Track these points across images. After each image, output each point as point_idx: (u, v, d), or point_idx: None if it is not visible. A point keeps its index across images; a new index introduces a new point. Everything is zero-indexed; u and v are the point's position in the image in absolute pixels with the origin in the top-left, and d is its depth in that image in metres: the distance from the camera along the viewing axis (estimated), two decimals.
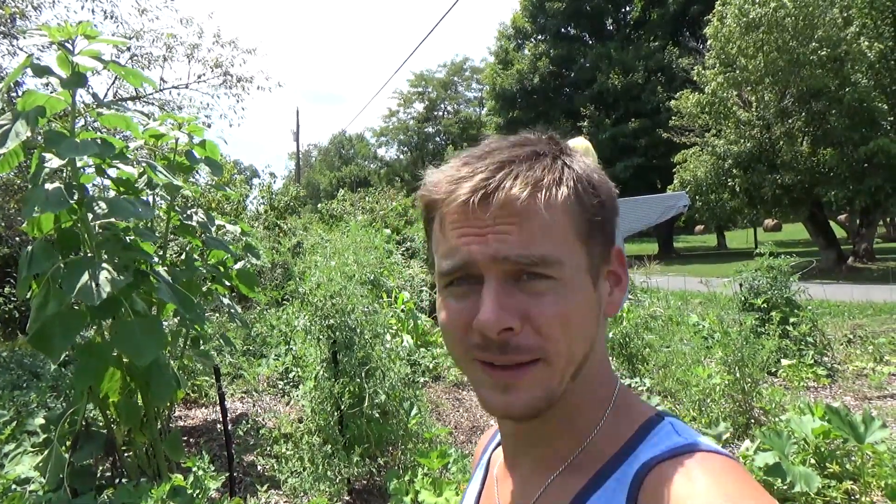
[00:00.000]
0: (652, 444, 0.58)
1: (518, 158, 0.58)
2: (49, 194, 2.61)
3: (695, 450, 0.55)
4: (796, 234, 32.57)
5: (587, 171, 0.61)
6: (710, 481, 0.50)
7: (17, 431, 3.36)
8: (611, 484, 0.57)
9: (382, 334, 4.03)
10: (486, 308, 0.55)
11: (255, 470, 3.93)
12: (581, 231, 0.58)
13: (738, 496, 0.49)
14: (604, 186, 0.62)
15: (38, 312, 2.78)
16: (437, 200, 0.60)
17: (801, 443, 3.31)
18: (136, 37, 10.06)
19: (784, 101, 16.95)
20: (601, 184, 0.62)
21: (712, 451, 0.55)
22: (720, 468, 0.52)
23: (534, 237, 0.55)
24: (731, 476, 0.51)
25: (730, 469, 0.53)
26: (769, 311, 6.28)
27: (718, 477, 0.51)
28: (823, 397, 5.28)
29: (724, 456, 0.55)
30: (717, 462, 0.53)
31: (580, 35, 34.47)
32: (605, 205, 0.61)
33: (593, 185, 0.60)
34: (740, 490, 0.49)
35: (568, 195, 0.57)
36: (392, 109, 57.65)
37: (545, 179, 0.57)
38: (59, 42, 2.83)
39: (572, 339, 0.57)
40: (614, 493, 0.56)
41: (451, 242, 0.58)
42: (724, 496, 0.49)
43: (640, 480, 0.54)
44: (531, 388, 0.57)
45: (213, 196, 10.49)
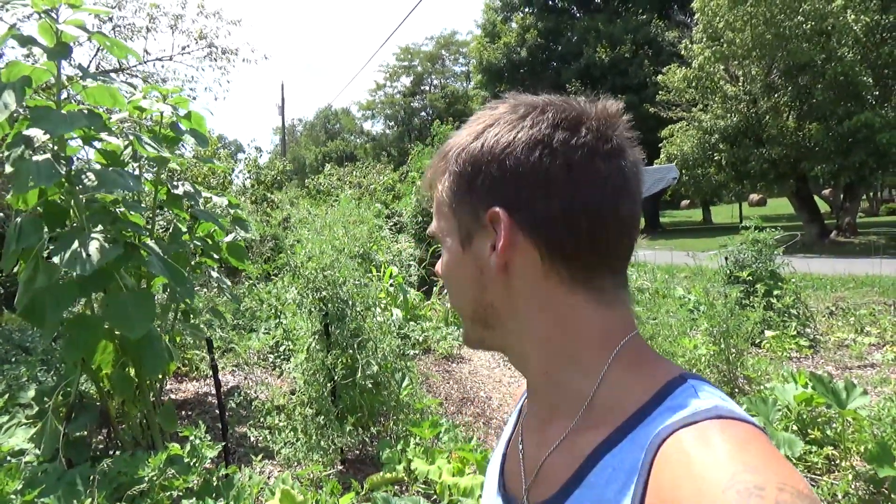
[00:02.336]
0: (672, 406, 0.56)
1: (432, 162, 0.72)
2: (40, 167, 2.58)
3: (716, 415, 0.53)
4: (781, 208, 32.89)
5: (466, 146, 0.66)
6: (729, 449, 0.49)
7: (10, 404, 3.36)
8: (626, 444, 0.56)
9: (373, 307, 4.05)
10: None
11: (248, 441, 3.97)
12: (452, 204, 0.67)
13: (759, 466, 0.47)
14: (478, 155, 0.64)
15: (27, 286, 2.77)
16: None
17: (784, 410, 3.39)
18: (119, 6, 9.86)
19: (770, 75, 16.98)
20: (475, 154, 0.64)
21: (735, 418, 0.53)
22: (741, 436, 0.51)
23: (434, 217, 0.72)
24: (752, 444, 0.50)
25: (752, 437, 0.51)
26: (754, 284, 6.37)
27: (738, 444, 0.49)
28: (806, 367, 5.39)
29: (746, 423, 0.53)
30: (740, 429, 0.51)
31: (567, 8, 34.16)
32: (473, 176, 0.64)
33: (464, 160, 0.65)
34: (760, 459, 0.48)
35: (444, 183, 0.68)
36: (378, 83, 57.09)
37: (434, 175, 0.71)
38: (44, 10, 2.78)
39: (452, 294, 0.72)
40: (630, 453, 0.55)
41: None
42: (744, 465, 0.47)
43: (658, 446, 0.53)
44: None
45: (199, 170, 10.39)
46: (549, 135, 0.61)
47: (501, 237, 0.61)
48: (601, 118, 0.63)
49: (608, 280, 0.63)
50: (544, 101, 0.65)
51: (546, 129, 0.61)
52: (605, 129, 0.62)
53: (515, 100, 0.67)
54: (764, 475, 0.46)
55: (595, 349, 0.63)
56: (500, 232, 0.62)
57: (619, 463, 0.56)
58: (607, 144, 0.61)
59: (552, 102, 0.64)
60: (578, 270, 0.62)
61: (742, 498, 0.44)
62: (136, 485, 2.45)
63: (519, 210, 0.61)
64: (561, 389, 0.65)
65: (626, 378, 0.61)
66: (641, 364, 0.63)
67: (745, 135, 17.52)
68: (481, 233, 0.64)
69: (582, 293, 0.62)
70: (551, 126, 0.61)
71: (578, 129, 0.61)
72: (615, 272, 0.64)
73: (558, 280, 0.62)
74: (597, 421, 0.61)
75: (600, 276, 0.63)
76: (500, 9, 35.68)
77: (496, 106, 0.67)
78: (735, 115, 17.65)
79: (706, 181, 19.44)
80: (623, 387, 0.61)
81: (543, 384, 0.67)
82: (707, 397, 0.56)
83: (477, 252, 0.65)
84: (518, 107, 0.65)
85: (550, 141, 0.60)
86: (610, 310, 0.63)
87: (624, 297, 0.65)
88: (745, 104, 17.58)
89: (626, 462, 0.55)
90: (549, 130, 0.61)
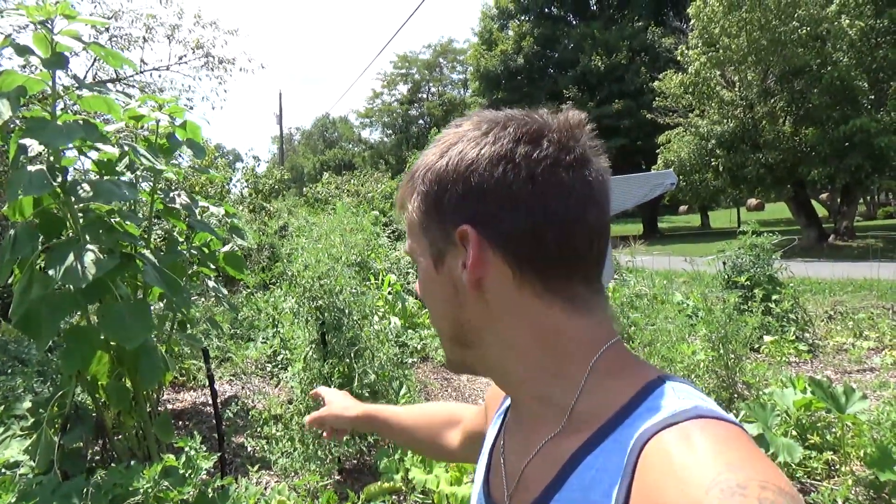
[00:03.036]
0: (652, 407, 0.57)
1: (401, 183, 0.73)
2: (32, 177, 2.58)
3: (697, 415, 0.54)
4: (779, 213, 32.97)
5: (433, 165, 0.66)
6: (712, 448, 0.50)
7: (5, 416, 3.34)
8: (608, 445, 0.57)
9: (371, 315, 4.04)
10: None
11: (245, 451, 3.95)
12: (423, 223, 0.68)
13: (740, 464, 0.48)
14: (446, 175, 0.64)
15: (22, 297, 2.75)
16: None
17: (784, 415, 3.38)
18: (115, 17, 9.88)
19: (766, 80, 17.05)
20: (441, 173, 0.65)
21: (715, 417, 0.54)
22: (723, 435, 0.52)
23: (407, 236, 0.72)
24: (733, 443, 0.51)
25: (732, 436, 0.52)
26: (752, 289, 6.36)
27: (720, 444, 0.50)
28: (805, 372, 5.38)
29: (726, 422, 0.54)
30: (720, 429, 0.52)
31: (564, 15, 34.32)
32: (439, 195, 0.65)
33: (430, 180, 0.66)
34: (742, 457, 0.49)
35: (413, 203, 0.69)
36: (376, 91, 57.34)
37: (404, 196, 0.71)
38: (39, 21, 2.77)
39: (431, 314, 0.72)
40: (611, 454, 0.56)
41: None
42: (726, 464, 0.48)
43: (640, 447, 0.54)
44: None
45: (196, 179, 10.39)
46: (511, 149, 0.62)
47: (471, 254, 0.62)
48: (563, 129, 0.64)
49: (581, 288, 0.64)
50: (506, 117, 0.66)
51: (508, 143, 0.62)
52: (567, 140, 0.63)
53: (479, 116, 0.68)
54: (746, 474, 0.47)
55: (574, 358, 0.63)
56: (469, 249, 0.62)
57: (602, 464, 0.56)
58: (570, 155, 0.62)
59: (514, 117, 0.65)
60: (551, 281, 0.62)
61: (725, 497, 0.45)
62: (130, 497, 2.43)
63: (487, 226, 0.62)
64: (542, 400, 0.65)
65: (605, 383, 0.62)
66: (620, 369, 0.63)
67: (741, 140, 17.57)
68: (453, 251, 0.65)
69: (556, 303, 0.63)
70: (513, 141, 0.62)
71: (540, 142, 0.62)
72: (588, 280, 0.65)
73: (532, 292, 0.63)
74: (577, 426, 0.61)
75: (573, 285, 0.63)
76: (497, 16, 35.84)
77: (460, 123, 0.68)
78: (731, 121, 17.71)
79: (704, 187, 19.48)
80: (602, 392, 0.61)
81: (525, 396, 0.68)
82: (687, 397, 0.57)
83: (450, 271, 0.66)
84: (481, 123, 0.66)
85: (513, 155, 0.61)
86: (586, 318, 0.64)
87: (600, 304, 0.66)
88: (742, 109, 17.64)
89: (609, 463, 0.56)
90: (511, 145, 0.62)
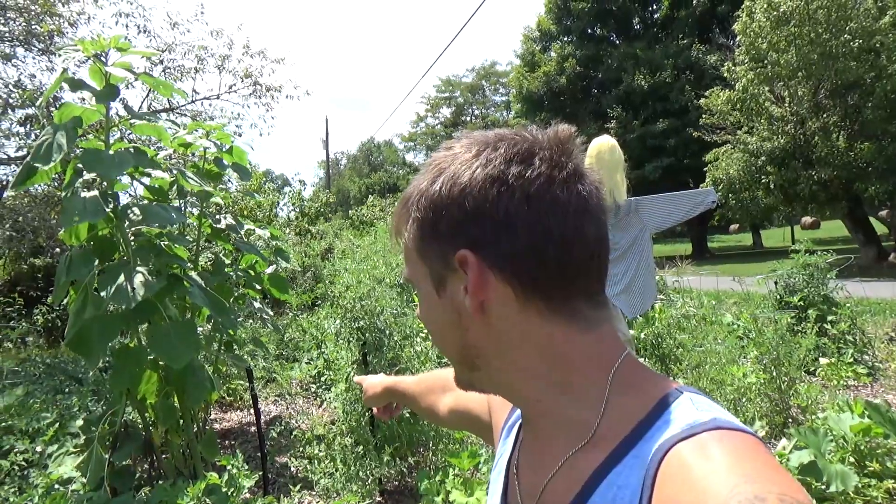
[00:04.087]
0: (669, 420, 0.56)
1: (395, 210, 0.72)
2: (87, 203, 2.69)
3: (714, 427, 0.54)
4: (835, 231, 31.82)
5: (427, 192, 0.65)
6: (729, 460, 0.49)
7: (60, 433, 3.46)
8: (629, 461, 0.56)
9: (413, 336, 4.05)
10: None
11: (288, 471, 3.98)
12: (420, 250, 0.67)
13: (759, 476, 0.47)
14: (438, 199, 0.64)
15: (76, 317, 2.86)
16: None
17: (840, 441, 3.23)
18: (169, 49, 10.31)
19: (818, 95, 16.58)
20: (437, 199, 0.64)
21: (732, 429, 0.54)
22: (740, 446, 0.51)
23: (405, 264, 0.72)
24: (751, 454, 0.50)
25: (750, 447, 0.51)
26: (806, 309, 6.14)
27: (738, 455, 0.50)
28: (864, 396, 5.14)
29: (744, 433, 0.53)
30: (738, 440, 0.52)
31: (606, 35, 34.19)
32: (436, 222, 0.64)
33: (426, 206, 0.65)
34: (760, 469, 0.48)
35: (409, 230, 0.68)
36: (420, 115, 58.15)
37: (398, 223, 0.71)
38: (93, 55, 2.92)
39: (435, 338, 0.72)
40: (632, 470, 0.55)
41: None
42: (745, 476, 0.47)
43: (658, 461, 0.53)
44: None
45: (245, 203, 10.67)
46: (503, 170, 0.61)
47: (472, 279, 0.62)
48: (553, 146, 0.64)
49: (583, 303, 0.63)
50: (496, 137, 0.65)
51: (500, 164, 0.62)
52: (559, 157, 0.63)
53: (468, 138, 0.67)
54: (764, 485, 0.46)
55: (585, 374, 0.63)
56: (470, 273, 0.62)
57: (623, 481, 0.56)
58: (563, 171, 0.62)
59: (504, 137, 0.65)
60: (554, 299, 0.62)
61: None
62: None
63: (485, 249, 0.61)
64: (554, 417, 0.65)
65: (623, 397, 0.61)
66: (637, 382, 0.63)
67: (793, 156, 17.07)
68: (453, 276, 0.65)
69: (559, 320, 0.62)
70: (505, 161, 0.62)
71: (532, 161, 0.62)
72: (590, 294, 0.64)
73: (536, 312, 0.62)
74: (596, 442, 0.60)
75: (576, 302, 0.63)
76: (539, 38, 35.94)
77: (451, 146, 0.68)
78: (782, 137, 17.24)
79: (754, 204, 18.97)
80: (620, 406, 0.61)
81: (536, 414, 0.67)
82: (705, 409, 0.57)
83: (452, 296, 0.65)
84: (471, 146, 0.65)
85: (506, 176, 0.61)
86: (592, 333, 0.63)
87: (605, 317, 0.65)
88: (793, 125, 17.17)
89: (630, 479, 0.55)
90: (503, 166, 0.62)
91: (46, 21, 8.11)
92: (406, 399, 1.30)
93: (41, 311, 9.42)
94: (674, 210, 4.19)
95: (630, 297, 4.17)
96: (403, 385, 1.31)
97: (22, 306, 9.85)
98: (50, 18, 8.20)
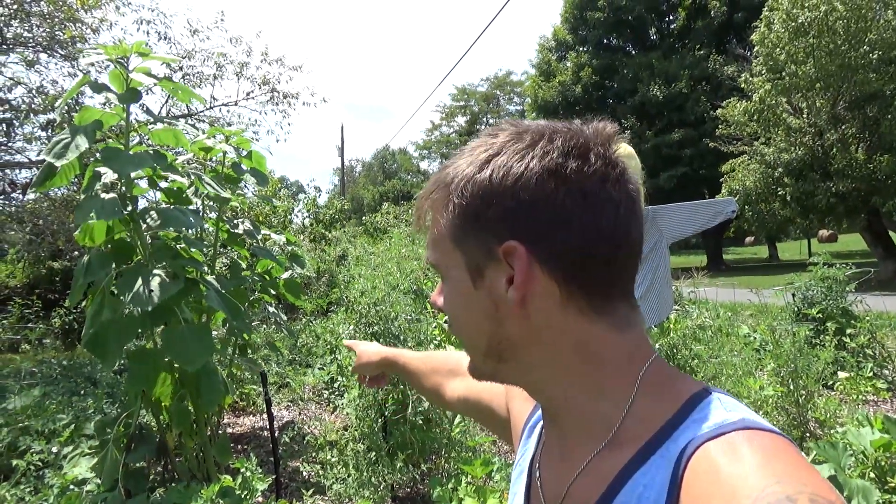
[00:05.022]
0: (698, 420, 0.56)
1: (425, 190, 0.70)
2: (105, 203, 2.71)
3: (743, 426, 0.53)
4: (853, 244, 31.44)
5: (472, 178, 0.63)
6: (759, 460, 0.48)
7: (75, 435, 3.48)
8: (656, 461, 0.55)
9: (426, 343, 4.05)
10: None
11: (301, 476, 3.98)
12: (457, 237, 0.65)
13: (790, 476, 0.46)
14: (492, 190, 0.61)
15: (93, 319, 2.88)
16: None
17: (860, 455, 3.18)
18: (188, 56, 10.43)
19: (836, 106, 16.43)
20: (487, 188, 0.62)
21: (762, 429, 0.52)
22: (770, 446, 0.50)
23: (429, 247, 0.70)
24: (782, 454, 0.49)
25: (780, 447, 0.50)
26: (824, 322, 6.05)
27: (768, 455, 0.49)
28: (884, 411, 5.06)
29: (774, 433, 0.52)
30: (767, 440, 0.51)
31: (622, 45, 34.16)
32: (480, 211, 0.62)
33: (472, 193, 0.63)
34: (790, 469, 0.47)
35: (445, 213, 0.65)
36: (435, 123, 58.28)
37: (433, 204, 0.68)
38: (115, 59, 2.95)
39: (460, 329, 0.69)
40: (658, 469, 0.54)
41: None
42: (774, 475, 0.46)
43: (686, 460, 0.52)
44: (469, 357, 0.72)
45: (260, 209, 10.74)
46: (561, 164, 0.60)
47: (519, 271, 0.60)
48: (604, 142, 0.63)
49: (622, 304, 0.63)
50: (550, 128, 0.64)
51: (558, 158, 0.60)
52: (611, 154, 0.63)
53: (516, 126, 0.66)
54: (795, 486, 0.45)
55: (619, 374, 0.62)
56: (517, 266, 0.61)
57: (649, 481, 0.55)
58: (616, 169, 0.62)
59: (558, 129, 0.64)
60: (595, 298, 0.61)
61: None
62: None
63: (536, 243, 0.60)
64: (583, 415, 0.64)
65: (650, 398, 0.61)
66: (664, 382, 0.62)
67: (811, 168, 16.91)
68: (494, 266, 0.63)
69: (599, 320, 0.62)
70: (562, 155, 0.61)
71: (588, 157, 0.61)
72: (626, 295, 0.64)
73: (576, 309, 0.61)
74: (622, 442, 0.60)
75: (615, 301, 0.63)
76: (555, 48, 35.97)
77: (496, 133, 0.66)
78: (800, 148, 17.09)
79: (771, 216, 18.81)
80: (647, 406, 0.60)
81: (564, 411, 0.66)
82: (734, 410, 0.56)
83: (490, 287, 0.64)
84: (523, 135, 0.64)
85: (563, 170, 0.60)
86: (626, 333, 0.63)
87: (637, 320, 0.65)
88: (811, 137, 17.02)
89: (656, 479, 0.54)
90: (561, 160, 0.60)
91: (69, 27, 8.24)
92: (407, 374, 1.27)
93: (59, 314, 9.52)
94: (693, 219, 4.15)
95: (646, 307, 4.14)
96: (405, 359, 1.28)
97: (40, 308, 9.97)
98: (73, 25, 8.33)
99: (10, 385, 4.94)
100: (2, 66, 8.59)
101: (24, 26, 8.17)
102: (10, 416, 4.08)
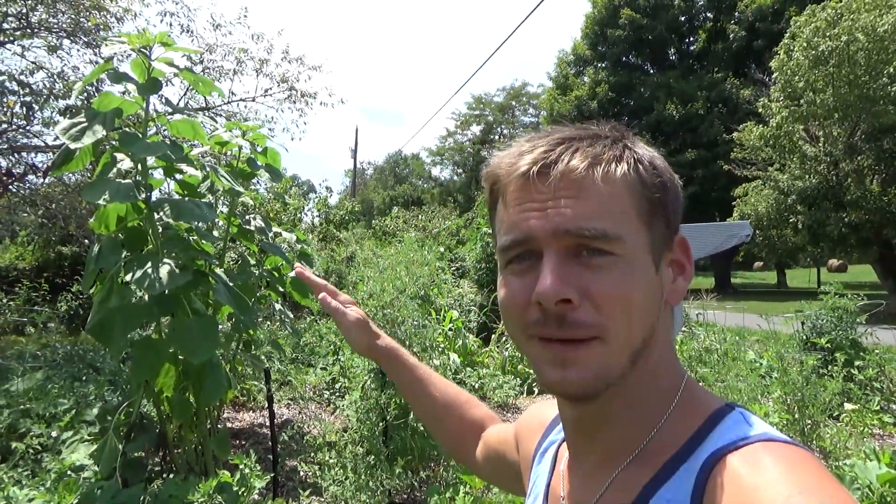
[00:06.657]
0: (721, 433, 0.55)
1: (579, 136, 0.60)
2: (120, 186, 2.71)
3: (766, 439, 0.52)
4: (863, 275, 31.23)
5: (650, 155, 0.61)
6: (781, 471, 0.47)
7: (76, 420, 3.47)
8: (680, 474, 0.54)
9: (431, 349, 4.02)
10: (544, 278, 0.55)
11: (298, 475, 3.96)
12: (642, 210, 0.58)
13: (811, 488, 0.45)
14: (667, 172, 0.62)
15: (100, 306, 2.88)
16: (500, 175, 0.62)
17: (865, 490, 3.13)
18: (210, 50, 10.47)
19: (853, 137, 16.36)
20: (665, 169, 0.61)
21: (784, 442, 0.52)
22: (792, 458, 0.49)
23: (594, 211, 0.56)
24: (804, 466, 0.48)
25: (802, 459, 0.49)
26: (833, 353, 6.00)
27: (790, 467, 0.48)
28: (891, 446, 5.00)
29: (796, 445, 0.52)
30: (789, 451, 0.50)
31: (641, 64, 34.20)
32: (668, 188, 0.61)
33: (655, 168, 0.60)
34: (813, 481, 0.46)
35: (627, 171, 0.58)
36: (449, 130, 58.31)
37: (605, 155, 0.58)
38: (138, 48, 2.96)
39: (631, 320, 0.56)
40: (682, 482, 0.54)
41: (512, 218, 0.59)
42: (797, 486, 0.45)
43: (708, 471, 0.52)
44: (587, 366, 0.56)
45: (271, 206, 10.76)
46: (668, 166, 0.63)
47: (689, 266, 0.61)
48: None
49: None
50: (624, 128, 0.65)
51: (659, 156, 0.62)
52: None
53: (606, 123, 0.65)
54: (819, 498, 0.44)
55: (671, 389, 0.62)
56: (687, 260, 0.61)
57: (673, 495, 0.54)
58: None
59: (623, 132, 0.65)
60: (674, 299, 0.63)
61: None
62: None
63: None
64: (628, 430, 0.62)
65: (678, 413, 0.60)
66: (692, 399, 0.61)
67: (824, 197, 16.82)
68: (667, 255, 0.61)
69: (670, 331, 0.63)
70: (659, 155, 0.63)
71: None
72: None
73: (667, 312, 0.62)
74: (647, 458, 0.59)
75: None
76: (573, 63, 36.04)
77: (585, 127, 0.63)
78: (814, 177, 17.01)
79: (781, 243, 18.74)
80: (671, 422, 0.60)
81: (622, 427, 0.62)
82: (757, 424, 0.55)
83: (664, 275, 0.61)
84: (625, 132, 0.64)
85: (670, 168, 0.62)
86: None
87: None
88: (826, 166, 16.94)
89: (680, 492, 0.53)
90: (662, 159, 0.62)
91: (94, 15, 8.30)
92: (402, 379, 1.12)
93: (65, 299, 9.55)
94: (706, 241, 4.13)
95: None
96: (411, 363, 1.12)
97: (47, 292, 10.00)
98: (98, 13, 8.39)
99: (14, 367, 4.94)
100: (25, 49, 8.66)
101: (50, 11, 8.24)
102: (12, 397, 4.08)
